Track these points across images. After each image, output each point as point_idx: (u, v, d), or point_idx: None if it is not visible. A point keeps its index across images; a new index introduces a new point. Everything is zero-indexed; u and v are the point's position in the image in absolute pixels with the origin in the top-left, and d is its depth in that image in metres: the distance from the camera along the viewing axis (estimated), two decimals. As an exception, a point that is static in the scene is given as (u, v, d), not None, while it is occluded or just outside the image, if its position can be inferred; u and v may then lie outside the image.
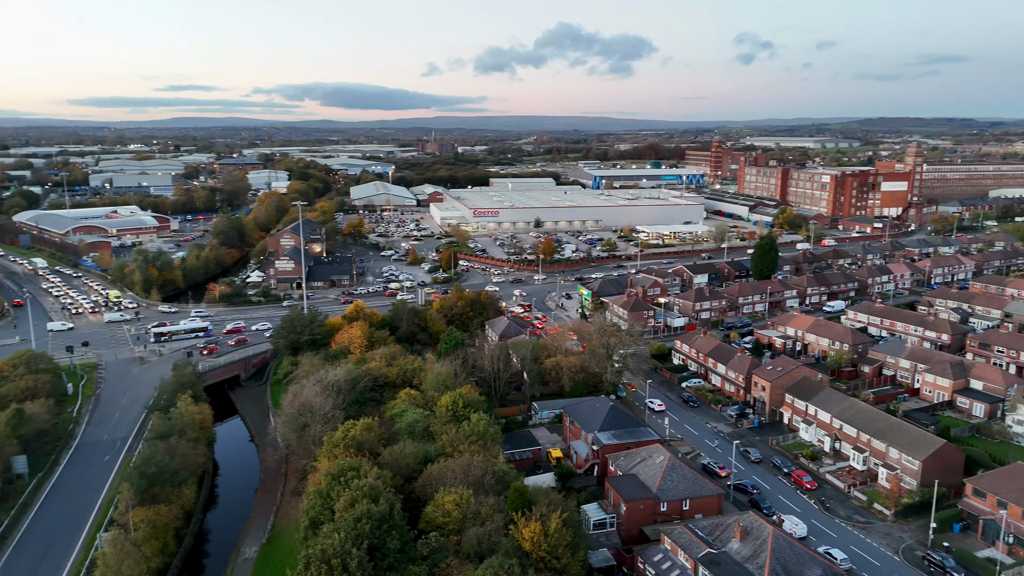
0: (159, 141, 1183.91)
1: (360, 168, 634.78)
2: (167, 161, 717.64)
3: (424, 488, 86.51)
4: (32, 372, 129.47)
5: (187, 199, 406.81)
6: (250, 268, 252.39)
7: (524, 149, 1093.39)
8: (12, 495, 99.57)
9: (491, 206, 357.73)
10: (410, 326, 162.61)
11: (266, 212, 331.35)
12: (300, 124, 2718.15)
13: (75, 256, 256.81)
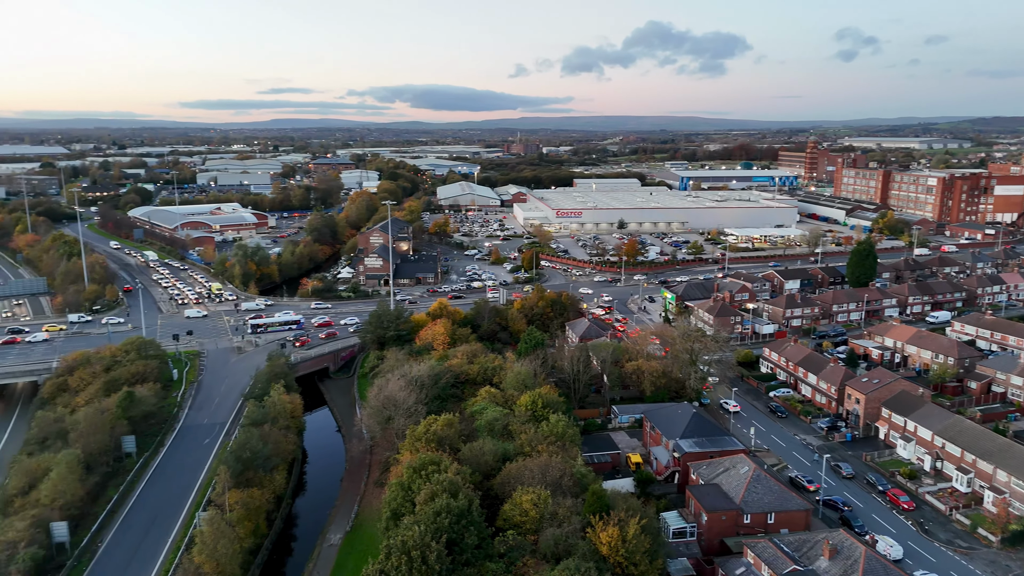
0: (259, 142, 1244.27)
1: (447, 168, 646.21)
2: (266, 161, 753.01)
3: (502, 486, 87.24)
4: (142, 358, 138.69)
5: (284, 197, 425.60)
6: (341, 264, 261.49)
7: (609, 149, 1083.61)
8: (121, 472, 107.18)
9: (574, 207, 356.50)
10: (491, 325, 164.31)
11: (357, 211, 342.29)
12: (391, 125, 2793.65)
13: (182, 250, 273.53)
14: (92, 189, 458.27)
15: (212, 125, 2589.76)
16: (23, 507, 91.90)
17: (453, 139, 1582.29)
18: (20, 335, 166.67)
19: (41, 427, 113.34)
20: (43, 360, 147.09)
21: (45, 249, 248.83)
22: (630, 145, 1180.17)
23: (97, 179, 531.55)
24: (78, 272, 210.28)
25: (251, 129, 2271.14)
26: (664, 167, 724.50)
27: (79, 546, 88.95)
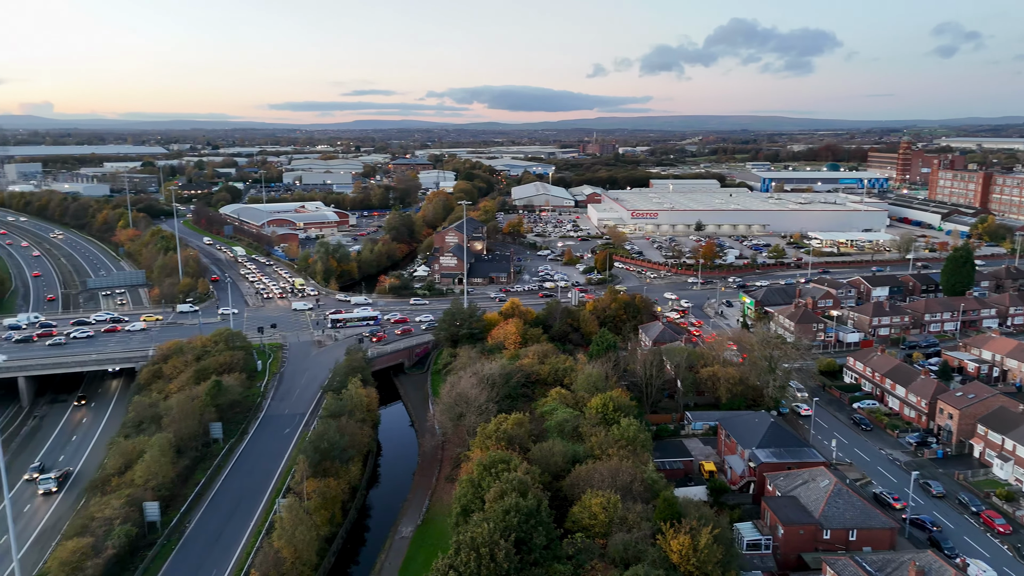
0: (342, 142, 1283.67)
1: (522, 169, 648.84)
2: (348, 161, 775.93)
3: (571, 488, 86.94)
4: (230, 348, 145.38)
5: (364, 196, 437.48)
6: (417, 263, 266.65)
7: (688, 150, 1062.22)
8: (209, 457, 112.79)
9: (650, 208, 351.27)
10: (563, 325, 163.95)
11: (434, 210, 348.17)
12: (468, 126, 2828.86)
13: (268, 246, 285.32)
14: (188, 187, 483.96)
15: (298, 126, 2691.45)
16: (119, 486, 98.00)
17: (529, 140, 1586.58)
18: (121, 324, 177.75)
19: (137, 411, 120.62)
20: (140, 348, 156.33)
21: (144, 243, 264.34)
22: (709, 145, 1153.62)
23: (192, 178, 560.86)
24: (173, 266, 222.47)
25: (334, 130, 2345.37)
26: (745, 168, 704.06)
27: (169, 525, 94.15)
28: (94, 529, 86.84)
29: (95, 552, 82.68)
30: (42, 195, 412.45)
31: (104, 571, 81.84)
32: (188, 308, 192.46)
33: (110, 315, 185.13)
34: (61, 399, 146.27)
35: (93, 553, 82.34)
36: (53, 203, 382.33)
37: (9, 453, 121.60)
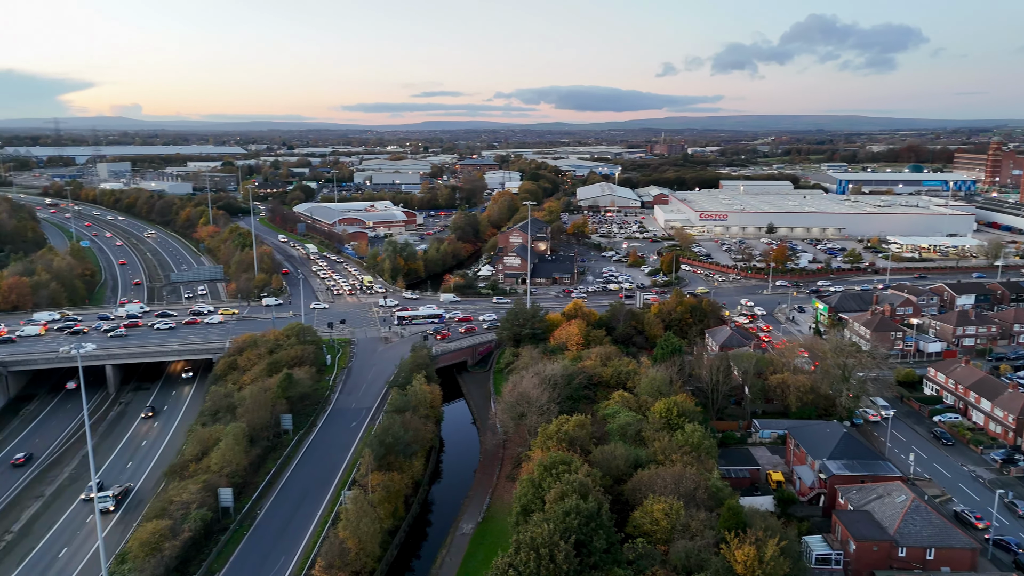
0: (411, 143, 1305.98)
1: (587, 169, 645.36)
2: (417, 161, 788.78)
3: (633, 492, 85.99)
4: (301, 343, 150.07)
5: (431, 196, 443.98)
6: (481, 262, 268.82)
7: (760, 150, 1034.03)
8: (279, 447, 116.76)
9: (719, 209, 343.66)
10: (626, 328, 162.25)
11: (499, 210, 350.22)
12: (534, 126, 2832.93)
13: (339, 244, 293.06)
14: (264, 186, 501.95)
15: (369, 127, 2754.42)
16: (196, 472, 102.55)
17: (595, 140, 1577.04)
18: (200, 316, 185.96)
19: (214, 401, 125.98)
20: (218, 340, 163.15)
21: (223, 240, 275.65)
22: (783, 146, 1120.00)
23: (268, 177, 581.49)
24: (250, 262, 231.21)
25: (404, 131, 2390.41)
26: (820, 169, 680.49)
27: (241, 511, 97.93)
28: (172, 512, 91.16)
29: (173, 534, 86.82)
30: (130, 193, 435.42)
31: (181, 553, 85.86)
32: (274, 301, 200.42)
33: (207, 308, 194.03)
34: (144, 387, 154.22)
35: (171, 535, 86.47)
36: (140, 200, 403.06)
37: (97, 436, 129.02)
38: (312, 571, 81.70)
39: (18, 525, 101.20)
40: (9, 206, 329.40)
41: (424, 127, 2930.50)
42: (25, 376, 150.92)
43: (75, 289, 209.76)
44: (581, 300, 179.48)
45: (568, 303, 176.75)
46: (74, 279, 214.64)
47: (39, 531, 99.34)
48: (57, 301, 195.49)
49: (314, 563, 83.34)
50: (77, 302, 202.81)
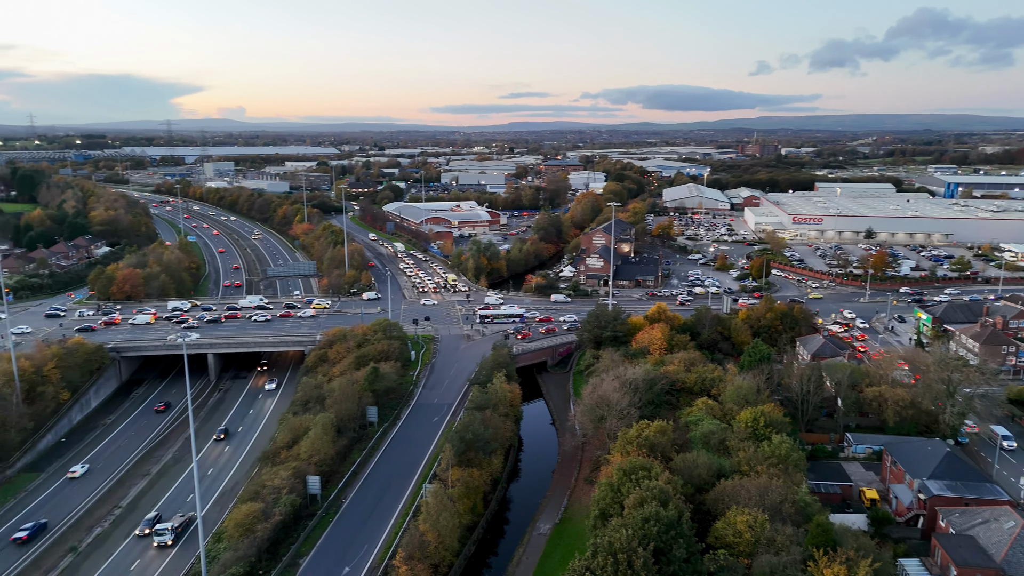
0: (497, 144, 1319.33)
1: (674, 170, 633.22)
2: (502, 162, 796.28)
3: (715, 502, 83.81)
4: (387, 338, 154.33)
5: (515, 197, 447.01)
6: (563, 263, 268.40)
7: (859, 151, 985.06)
8: (364, 438, 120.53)
9: (814, 212, 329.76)
10: (712, 334, 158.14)
11: (582, 211, 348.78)
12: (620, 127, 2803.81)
13: (425, 243, 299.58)
14: (356, 185, 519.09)
15: (457, 128, 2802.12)
16: (287, 459, 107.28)
17: (683, 140, 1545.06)
18: (294, 310, 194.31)
19: (305, 391, 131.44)
20: (310, 333, 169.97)
21: (316, 237, 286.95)
22: (885, 146, 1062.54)
23: (360, 177, 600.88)
24: (341, 258, 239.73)
25: (490, 132, 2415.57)
26: (926, 171, 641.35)
27: (328, 499, 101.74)
28: (264, 496, 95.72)
29: (264, 517, 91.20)
30: (233, 191, 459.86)
31: (272, 535, 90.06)
32: (373, 295, 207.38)
33: (324, 301, 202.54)
34: (242, 375, 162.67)
35: (263, 517, 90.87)
36: (242, 198, 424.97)
37: (198, 420, 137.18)
38: (393, 561, 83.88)
39: (127, 500, 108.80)
40: (126, 202, 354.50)
41: (510, 128, 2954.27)
42: (136, 361, 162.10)
43: (182, 281, 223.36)
44: (665, 303, 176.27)
45: (651, 306, 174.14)
46: (181, 271, 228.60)
47: (145, 507, 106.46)
48: (166, 292, 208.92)
49: (395, 553, 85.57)
50: (184, 293, 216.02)
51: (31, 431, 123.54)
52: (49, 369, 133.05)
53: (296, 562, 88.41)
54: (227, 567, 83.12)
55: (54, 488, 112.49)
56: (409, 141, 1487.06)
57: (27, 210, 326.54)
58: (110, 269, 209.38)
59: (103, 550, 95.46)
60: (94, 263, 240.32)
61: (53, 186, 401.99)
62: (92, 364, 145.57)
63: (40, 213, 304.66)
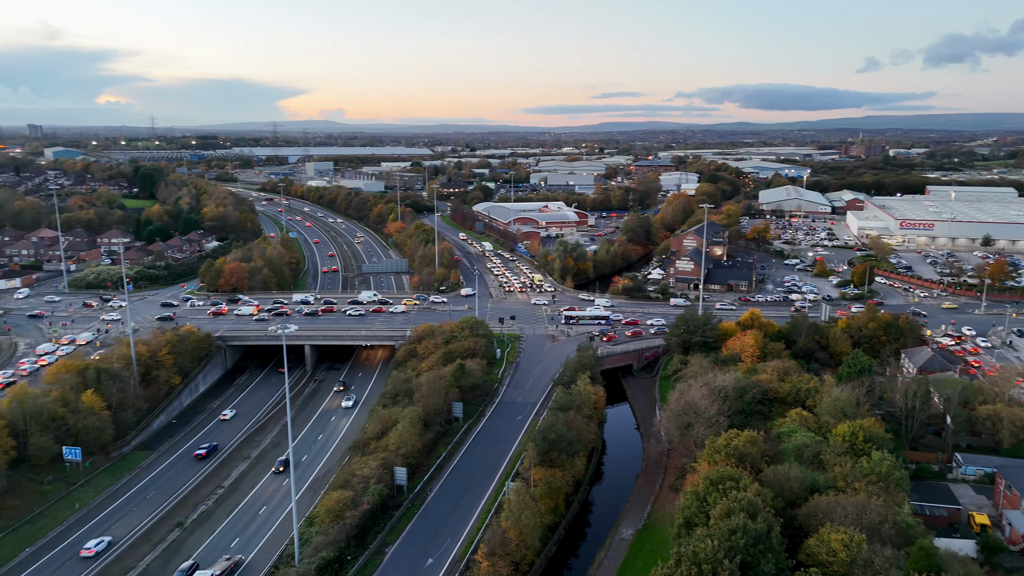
0: (587, 144, 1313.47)
1: (772, 171, 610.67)
2: (592, 162, 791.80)
3: (808, 518, 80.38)
4: (474, 335, 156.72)
5: (604, 197, 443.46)
6: (652, 265, 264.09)
7: (977, 152, 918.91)
8: (450, 433, 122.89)
9: (924, 217, 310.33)
10: (808, 342, 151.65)
11: (673, 212, 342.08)
12: (716, 127, 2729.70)
13: (512, 242, 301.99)
14: (447, 185, 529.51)
15: (547, 129, 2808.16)
16: (375, 450, 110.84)
17: (782, 140, 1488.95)
18: (386, 305, 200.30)
19: (394, 385, 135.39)
20: (400, 329, 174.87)
21: (409, 235, 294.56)
22: (1007, 147, 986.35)
23: (451, 177, 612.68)
24: (431, 257, 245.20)
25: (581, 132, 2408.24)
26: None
27: (413, 491, 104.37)
28: (354, 484, 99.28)
29: (353, 504, 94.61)
30: (332, 190, 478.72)
31: (360, 522, 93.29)
32: (470, 291, 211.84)
33: (423, 298, 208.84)
34: (336, 367, 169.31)
35: (352, 505, 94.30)
36: (340, 197, 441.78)
37: (295, 408, 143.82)
38: (475, 556, 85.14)
39: (228, 481, 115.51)
40: (234, 200, 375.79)
41: (600, 128, 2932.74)
42: (239, 351, 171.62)
43: (283, 275, 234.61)
44: (758, 309, 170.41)
45: (744, 312, 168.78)
46: (283, 266, 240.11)
47: (244, 488, 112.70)
48: (268, 286, 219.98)
49: (477, 548, 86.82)
50: (284, 287, 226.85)
51: (145, 412, 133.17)
52: (163, 355, 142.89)
53: (382, 550, 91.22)
54: (318, 550, 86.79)
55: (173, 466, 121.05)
56: (500, 142, 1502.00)
57: (147, 206, 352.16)
58: (218, 262, 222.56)
59: (207, 526, 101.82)
60: (204, 256, 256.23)
61: (170, 184, 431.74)
62: (201, 351, 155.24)
63: (158, 209, 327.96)
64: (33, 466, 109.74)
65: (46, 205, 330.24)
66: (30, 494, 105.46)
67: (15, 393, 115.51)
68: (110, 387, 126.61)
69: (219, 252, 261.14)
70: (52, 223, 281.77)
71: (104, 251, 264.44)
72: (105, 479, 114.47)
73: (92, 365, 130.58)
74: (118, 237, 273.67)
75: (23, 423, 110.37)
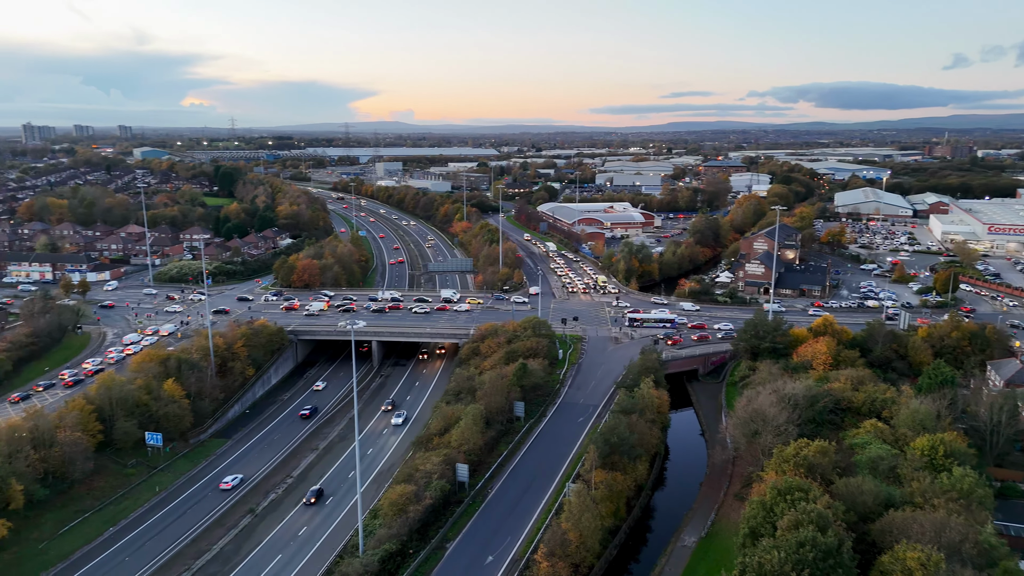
0: (654, 144, 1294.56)
1: (849, 173, 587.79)
2: (659, 163, 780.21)
3: (881, 534, 77.13)
4: (536, 335, 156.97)
5: (671, 198, 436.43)
6: (720, 268, 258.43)
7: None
8: (511, 432, 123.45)
9: (1015, 222, 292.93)
10: (886, 351, 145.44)
11: (743, 214, 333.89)
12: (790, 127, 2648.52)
13: (577, 243, 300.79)
14: (512, 186, 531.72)
15: (614, 129, 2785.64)
16: (438, 445, 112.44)
17: (860, 141, 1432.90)
18: (450, 304, 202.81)
19: (457, 382, 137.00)
20: (464, 327, 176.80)
21: (474, 235, 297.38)
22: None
23: (517, 177, 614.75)
24: (495, 256, 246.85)
25: (648, 132, 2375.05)
26: None
27: (475, 488, 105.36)
28: (417, 479, 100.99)
29: (416, 499, 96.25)
30: (400, 189, 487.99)
31: (422, 517, 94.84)
32: (537, 290, 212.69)
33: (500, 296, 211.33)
34: (401, 363, 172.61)
35: (415, 499, 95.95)
36: (408, 197, 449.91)
37: (362, 402, 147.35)
38: (534, 556, 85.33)
39: (297, 471, 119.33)
40: (307, 199, 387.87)
41: (668, 128, 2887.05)
42: (310, 345, 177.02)
43: (353, 273, 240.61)
44: (832, 315, 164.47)
45: (817, 318, 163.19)
46: (353, 264, 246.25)
47: (312, 479, 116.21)
48: (338, 283, 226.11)
49: (536, 548, 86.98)
50: (354, 285, 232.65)
51: (221, 401, 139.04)
52: (238, 347, 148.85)
53: (443, 545, 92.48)
54: (381, 542, 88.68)
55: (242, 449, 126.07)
56: (566, 142, 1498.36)
57: (226, 204, 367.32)
58: (292, 259, 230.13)
59: (277, 513, 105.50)
60: (278, 253, 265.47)
61: (248, 183, 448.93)
62: (274, 344, 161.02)
63: (236, 207, 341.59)
64: (118, 450, 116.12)
65: (134, 202, 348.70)
66: (115, 476, 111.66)
67: (103, 380, 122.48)
68: (190, 377, 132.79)
69: (292, 249, 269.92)
70: (139, 219, 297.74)
71: (186, 247, 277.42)
72: (184, 464, 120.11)
73: (174, 355, 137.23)
74: (199, 233, 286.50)
75: (110, 409, 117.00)
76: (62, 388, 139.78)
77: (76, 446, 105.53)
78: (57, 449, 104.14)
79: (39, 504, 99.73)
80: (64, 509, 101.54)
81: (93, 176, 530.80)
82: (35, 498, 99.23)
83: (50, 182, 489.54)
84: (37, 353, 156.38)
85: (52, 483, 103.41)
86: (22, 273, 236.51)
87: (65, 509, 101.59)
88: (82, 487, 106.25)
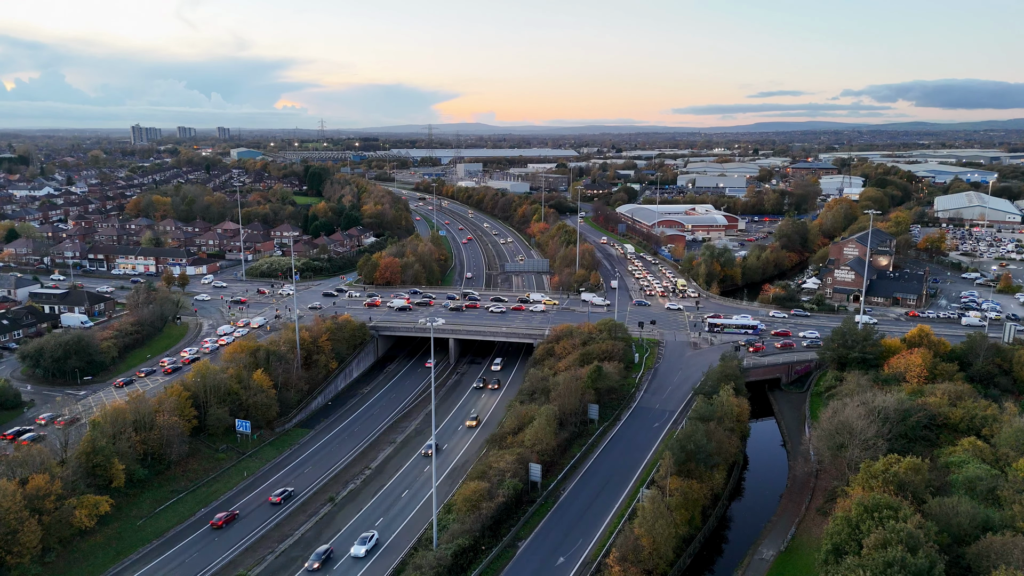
0: (740, 145, 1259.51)
1: (951, 176, 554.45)
2: (744, 164, 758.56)
3: (979, 559, 72.56)
4: (611, 338, 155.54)
5: (756, 201, 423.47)
6: (807, 274, 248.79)
7: None
8: (584, 435, 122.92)
9: None
10: (987, 365, 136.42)
11: (833, 218, 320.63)
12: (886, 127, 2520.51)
13: (656, 245, 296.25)
14: (591, 187, 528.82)
15: (698, 129, 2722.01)
16: (511, 444, 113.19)
17: (965, 142, 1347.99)
18: (526, 304, 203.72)
19: (532, 382, 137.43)
20: (539, 327, 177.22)
21: (551, 236, 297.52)
22: None
23: (596, 179, 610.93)
24: (572, 258, 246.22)
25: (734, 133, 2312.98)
26: None
27: (547, 488, 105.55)
28: (490, 476, 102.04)
29: (489, 496, 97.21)
30: (480, 190, 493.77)
31: (495, 514, 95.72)
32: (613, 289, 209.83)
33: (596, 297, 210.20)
34: (478, 361, 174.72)
35: (488, 497, 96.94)
36: (487, 197, 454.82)
37: (438, 398, 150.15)
38: (606, 560, 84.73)
39: (375, 463, 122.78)
40: (391, 198, 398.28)
41: (755, 128, 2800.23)
42: (390, 340, 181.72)
43: (432, 271, 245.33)
44: (928, 326, 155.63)
45: (911, 328, 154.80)
46: (432, 262, 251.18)
47: (389, 471, 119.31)
48: (418, 281, 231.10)
49: (608, 552, 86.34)
50: (433, 283, 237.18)
51: (306, 392, 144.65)
52: (323, 341, 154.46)
53: (515, 544, 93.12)
54: (454, 537, 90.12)
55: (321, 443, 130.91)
56: (647, 143, 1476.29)
57: (314, 203, 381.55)
58: (375, 257, 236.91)
59: (355, 504, 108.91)
60: (362, 251, 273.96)
61: (335, 182, 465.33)
62: (356, 339, 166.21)
63: (324, 205, 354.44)
64: (210, 435, 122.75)
65: (230, 200, 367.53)
66: (207, 460, 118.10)
67: (199, 368, 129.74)
68: (277, 368, 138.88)
69: (375, 247, 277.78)
70: (234, 216, 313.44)
71: (277, 243, 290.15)
72: (269, 452, 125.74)
73: (263, 347, 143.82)
74: (289, 231, 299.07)
75: (204, 396, 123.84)
76: (162, 375, 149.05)
77: (173, 430, 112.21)
78: (156, 432, 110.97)
79: (138, 483, 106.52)
80: (161, 489, 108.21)
81: (194, 175, 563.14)
82: (135, 477, 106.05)
83: (155, 180, 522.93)
84: (140, 341, 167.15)
85: (150, 464, 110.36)
86: (129, 266, 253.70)
87: (162, 489, 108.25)
88: (177, 468, 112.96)
